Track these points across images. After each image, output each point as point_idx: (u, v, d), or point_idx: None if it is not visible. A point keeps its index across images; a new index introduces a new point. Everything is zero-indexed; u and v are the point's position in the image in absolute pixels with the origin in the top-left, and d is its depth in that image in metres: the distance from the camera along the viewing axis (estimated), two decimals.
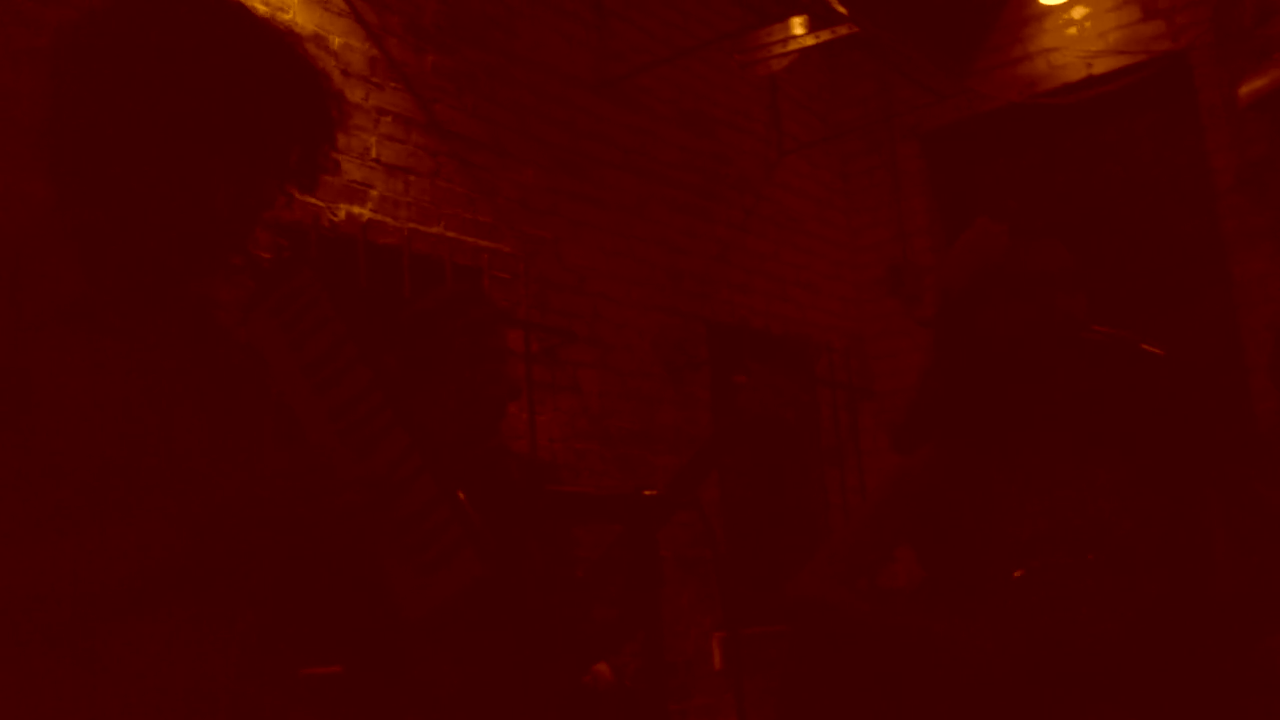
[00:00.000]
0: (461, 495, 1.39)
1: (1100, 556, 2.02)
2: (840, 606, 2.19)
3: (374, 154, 4.18)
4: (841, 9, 5.17)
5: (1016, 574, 2.03)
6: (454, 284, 4.24)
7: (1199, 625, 2.03)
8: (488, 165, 4.62)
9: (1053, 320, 2.11)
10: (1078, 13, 6.13)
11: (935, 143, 6.66)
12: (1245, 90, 5.43)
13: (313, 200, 3.93)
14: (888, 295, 6.51)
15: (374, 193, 4.16)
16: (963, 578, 2.12)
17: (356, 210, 4.08)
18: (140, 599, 1.29)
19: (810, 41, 5.42)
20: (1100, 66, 6.06)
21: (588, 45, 5.23)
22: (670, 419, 5.18)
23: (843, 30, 5.34)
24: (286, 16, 3.93)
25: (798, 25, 5.42)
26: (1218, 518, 2.08)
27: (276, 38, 1.44)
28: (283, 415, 1.44)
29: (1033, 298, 2.14)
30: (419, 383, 2.59)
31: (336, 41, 4.13)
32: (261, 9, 1.46)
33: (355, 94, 4.15)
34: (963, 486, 2.15)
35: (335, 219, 4.00)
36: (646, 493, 1.78)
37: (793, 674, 2.26)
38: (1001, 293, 2.17)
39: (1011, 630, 1.99)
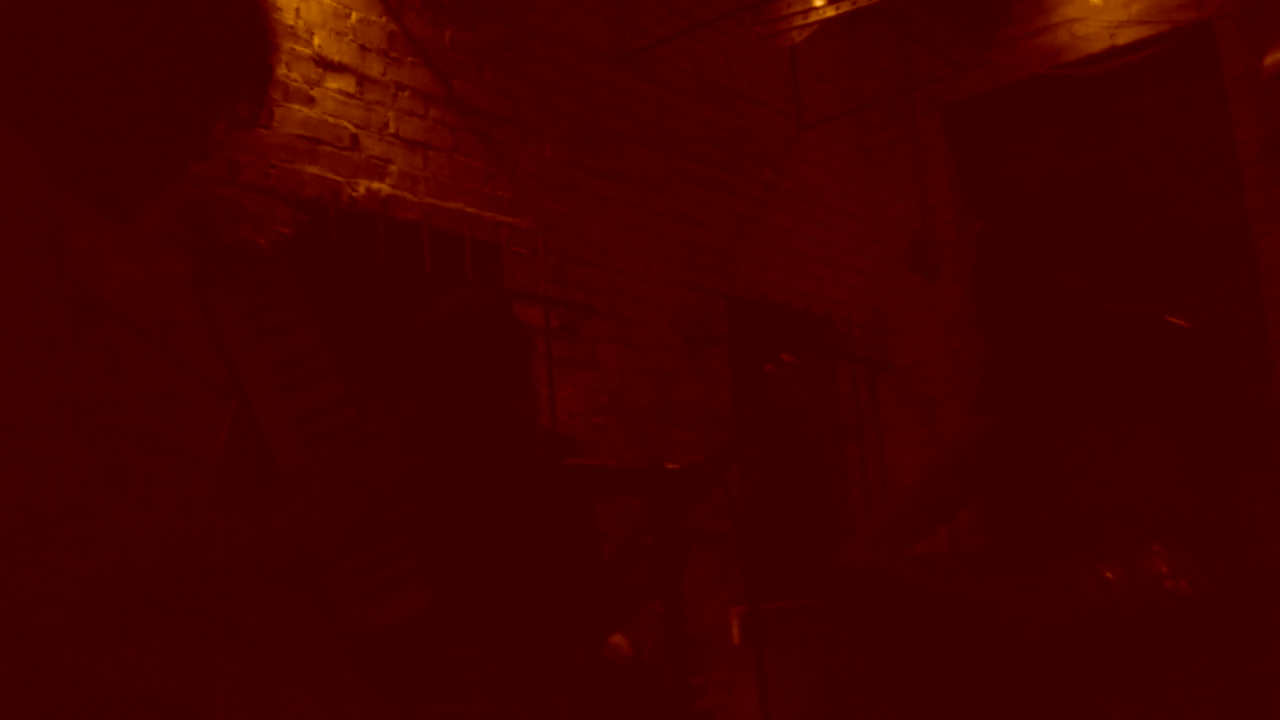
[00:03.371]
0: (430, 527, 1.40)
1: (1164, 530, 2.03)
2: (889, 573, 2.20)
3: (393, 129, 4.18)
4: None
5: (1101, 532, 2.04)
6: (471, 289, 4.22)
7: (1249, 598, 2.03)
8: (507, 140, 4.61)
9: (1057, 297, 2.12)
10: None
11: (957, 115, 6.61)
12: (1270, 60, 5.38)
13: (331, 175, 3.94)
14: (909, 269, 6.49)
15: (393, 168, 4.16)
16: (1023, 547, 2.13)
17: (376, 186, 4.08)
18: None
19: (831, 12, 5.37)
20: (1124, 37, 6.00)
21: (607, 18, 5.21)
22: (689, 394, 5.18)
23: (864, 1, 5.30)
24: None
25: None
26: (1259, 492, 2.08)
27: None
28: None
29: (1031, 279, 2.15)
30: (435, 367, 2.59)
31: (355, 16, 4.12)
32: None
33: (373, 69, 4.15)
34: (1022, 458, 2.17)
35: (355, 194, 4.01)
36: (667, 466, 1.78)
37: (841, 639, 2.28)
38: (1001, 281, 2.18)
39: (1069, 601, 2.00)
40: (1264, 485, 2.08)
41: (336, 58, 4.03)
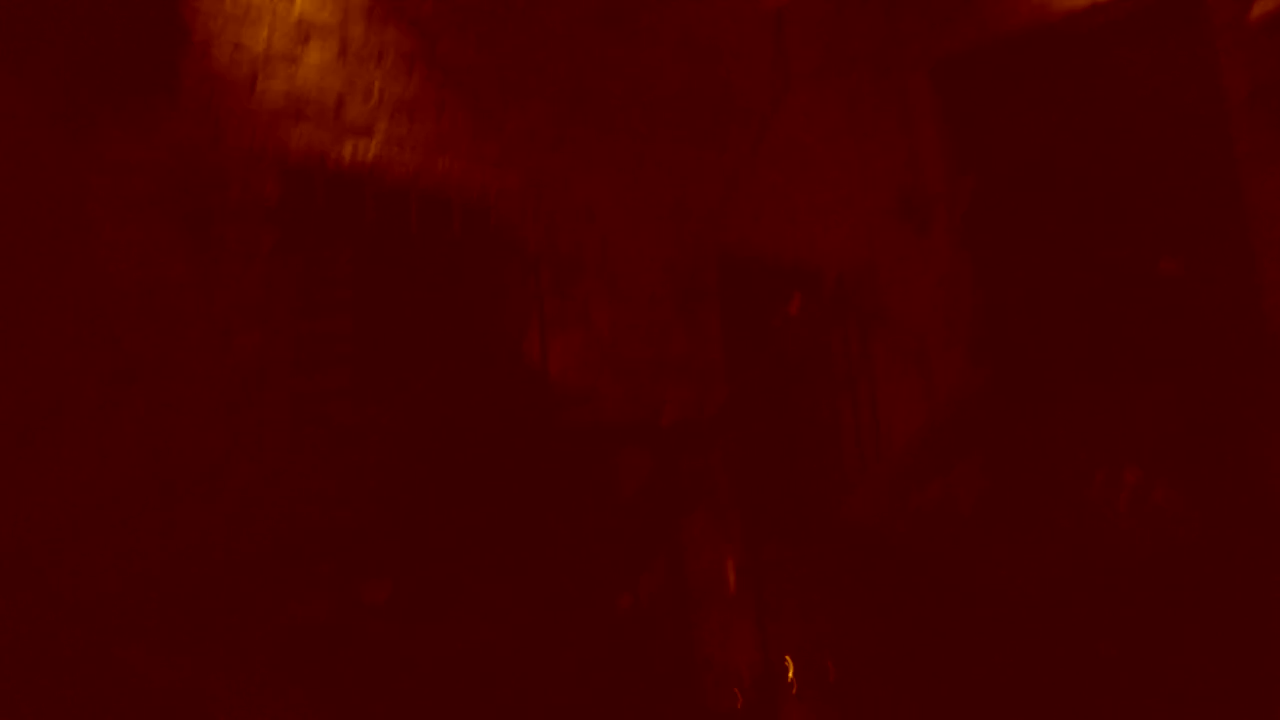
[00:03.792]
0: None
1: (1165, 473, 2.05)
2: (888, 528, 2.23)
3: (378, 92, 4.17)
4: None
5: (1098, 478, 2.06)
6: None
7: (1253, 537, 2.05)
8: (493, 100, 4.60)
9: (1048, 248, 2.13)
10: None
11: (945, 71, 6.60)
12: (1258, 10, 5.37)
13: (317, 139, 3.93)
14: (899, 223, 6.49)
15: (379, 131, 4.15)
16: (1026, 495, 2.15)
17: (362, 148, 4.07)
18: None
19: None
20: None
21: None
22: (680, 350, 5.19)
23: None
24: None
25: None
26: (1266, 434, 2.10)
27: None
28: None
29: (1023, 230, 2.16)
30: (440, 307, 2.59)
31: None
32: None
33: (357, 31, 4.13)
34: (1019, 409, 2.19)
35: (341, 158, 4.00)
36: (665, 418, 1.80)
37: (842, 592, 2.31)
38: (993, 232, 2.19)
39: (1075, 548, 2.02)
40: (1272, 428, 2.09)
41: (319, 21, 4.02)
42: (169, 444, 3.30)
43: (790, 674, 3.51)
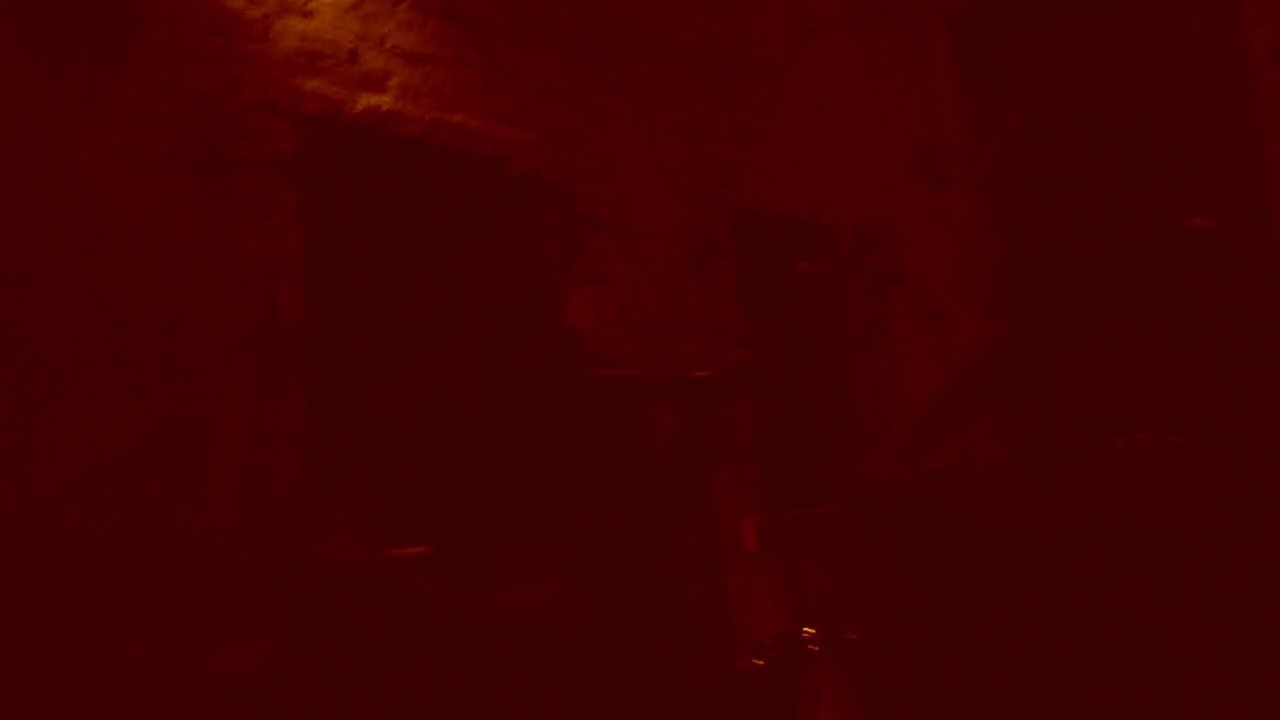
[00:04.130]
0: None
1: (1183, 437, 2.02)
2: (906, 486, 2.20)
3: (392, 42, 4.10)
4: None
5: (1119, 441, 2.03)
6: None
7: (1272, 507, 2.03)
8: (507, 51, 4.53)
9: (1083, 196, 2.09)
10: None
11: (963, 22, 6.50)
12: None
13: (331, 90, 3.87)
14: (916, 178, 6.42)
15: (393, 82, 4.09)
16: (1045, 456, 2.12)
17: (376, 100, 4.01)
18: None
19: None
20: None
21: None
22: (696, 307, 5.16)
23: None
24: None
25: None
26: None
27: None
28: None
29: (1058, 176, 2.12)
30: (470, 267, 2.55)
31: None
32: None
33: None
34: (1043, 366, 2.16)
35: (355, 110, 3.94)
36: (696, 374, 1.77)
37: (860, 552, 2.29)
38: (1027, 175, 2.15)
39: (1093, 508, 2.00)
40: None
41: None
42: (178, 417, 3.28)
43: (810, 633, 3.51)
